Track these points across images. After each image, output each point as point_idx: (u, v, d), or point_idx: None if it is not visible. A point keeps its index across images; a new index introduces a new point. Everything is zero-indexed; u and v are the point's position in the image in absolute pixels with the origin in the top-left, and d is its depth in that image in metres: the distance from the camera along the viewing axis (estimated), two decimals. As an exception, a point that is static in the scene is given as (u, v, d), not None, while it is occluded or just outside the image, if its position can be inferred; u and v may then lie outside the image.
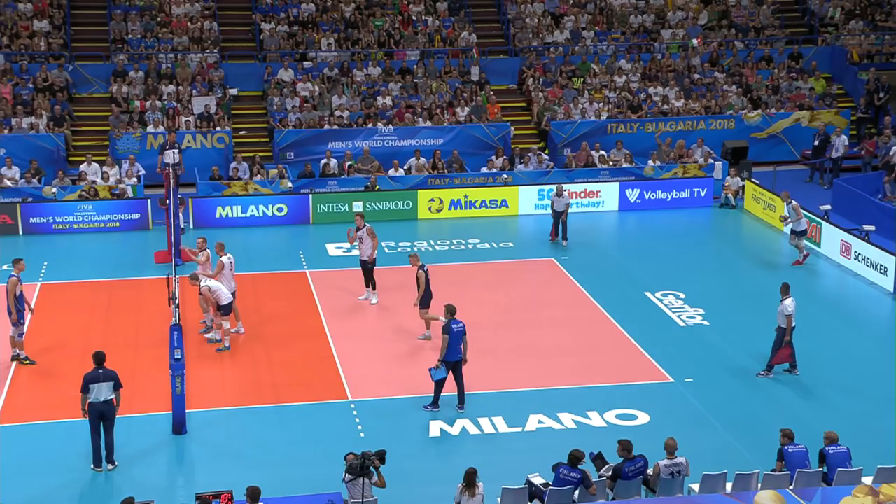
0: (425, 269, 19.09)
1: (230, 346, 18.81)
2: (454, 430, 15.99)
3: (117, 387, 14.58)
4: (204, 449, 15.40)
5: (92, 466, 14.60)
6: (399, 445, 15.16)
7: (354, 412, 16.53)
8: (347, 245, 24.01)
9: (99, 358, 14.71)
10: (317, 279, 22.68)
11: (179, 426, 15.67)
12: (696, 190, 28.66)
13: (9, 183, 26.59)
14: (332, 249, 24.89)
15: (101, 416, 14.49)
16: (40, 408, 16.44)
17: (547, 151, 30.81)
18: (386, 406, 16.76)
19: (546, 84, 32.97)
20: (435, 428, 16.03)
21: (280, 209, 27.07)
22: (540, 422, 16.24)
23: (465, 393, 16.59)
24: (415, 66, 33.01)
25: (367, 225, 20.98)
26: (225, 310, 18.67)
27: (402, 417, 16.34)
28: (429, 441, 15.72)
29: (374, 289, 21.19)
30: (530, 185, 28.35)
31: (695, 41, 33.79)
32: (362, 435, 15.53)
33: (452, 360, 16.31)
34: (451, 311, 16.49)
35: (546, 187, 27.75)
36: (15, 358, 17.90)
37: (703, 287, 22.14)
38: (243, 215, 26.79)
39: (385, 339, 19.44)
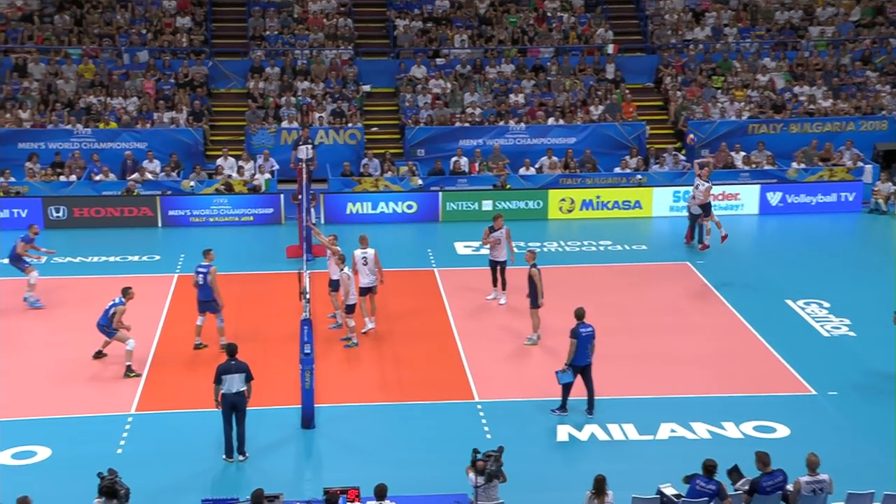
0: (538, 267, 18.86)
1: (358, 343, 19.05)
2: (583, 436, 15.79)
3: (248, 378, 14.91)
4: (331, 444, 15.63)
5: (223, 457, 14.99)
6: (526, 449, 15.10)
7: (481, 413, 16.51)
8: (477, 244, 24.05)
9: (231, 349, 15.11)
10: (445, 277, 22.78)
11: (308, 420, 15.95)
12: (843, 194, 27.58)
13: (150, 176, 27.66)
14: (461, 248, 24.95)
15: (233, 408, 14.85)
16: (175, 397, 16.99)
17: (684, 152, 30.16)
18: (513, 408, 16.68)
19: (684, 83, 32.26)
20: (563, 432, 15.87)
21: (410, 206, 27.31)
22: (672, 430, 15.89)
23: (595, 398, 16.36)
24: (548, 64, 32.80)
25: (506, 227, 20.98)
26: (348, 309, 18.91)
27: (529, 420, 16.24)
28: (556, 445, 15.57)
29: (503, 289, 21.14)
30: (665, 186, 27.82)
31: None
32: (489, 437, 15.49)
33: (581, 365, 16.09)
34: (579, 314, 16.29)
35: (682, 189, 27.15)
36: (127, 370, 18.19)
37: (850, 296, 21.25)
38: (373, 212, 27.14)
39: (513, 341, 19.35)
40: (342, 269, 19.03)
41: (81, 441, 15.41)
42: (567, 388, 16.23)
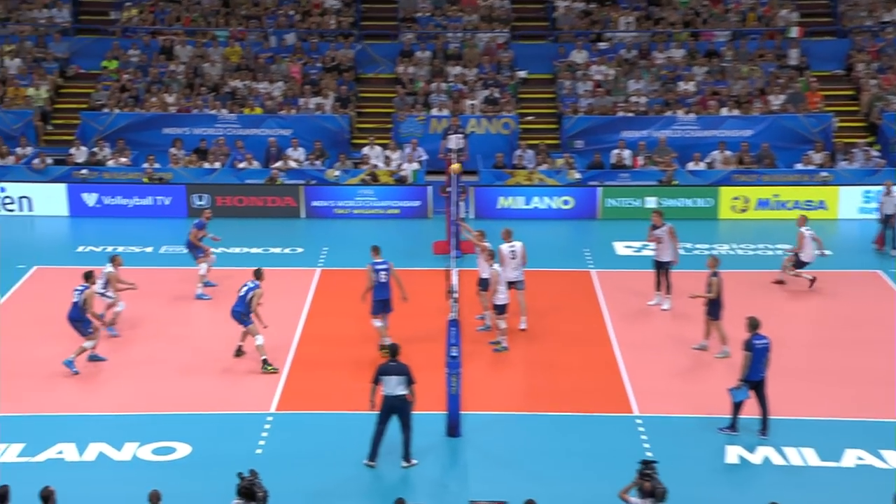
0: (719, 276, 18.51)
1: (508, 347, 19.10)
2: (755, 458, 15.39)
3: (410, 382, 15.09)
4: (477, 454, 15.71)
5: (365, 461, 15.22)
6: (691, 469, 14.87)
7: (641, 428, 16.31)
8: (638, 244, 23.76)
9: (393, 350, 15.41)
10: (603, 279, 22.60)
11: (454, 428, 16.07)
12: None
13: (293, 164, 28.46)
14: (621, 248, 24.70)
15: (392, 411, 15.07)
16: (316, 398, 17.41)
17: (878, 147, 28.97)
18: (676, 424, 16.44)
19: (880, 70, 31.02)
20: (733, 454, 15.51)
21: (566, 202, 27.20)
22: (859, 458, 15.32)
23: (770, 417, 15.91)
24: (723, 49, 32.11)
25: (668, 224, 20.71)
26: (498, 309, 18.97)
27: (694, 439, 15.96)
28: (724, 468, 15.25)
29: (668, 292, 20.82)
30: (854, 185, 26.82)
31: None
32: (649, 454, 15.26)
33: (755, 380, 15.71)
34: (753, 324, 15.88)
35: (873, 188, 26.10)
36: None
37: None
38: (526, 207, 27.16)
39: (677, 351, 19.06)
40: (491, 267, 19.12)
41: (221, 439, 15.98)
42: (739, 405, 15.85)
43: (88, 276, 18.37)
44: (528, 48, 33.14)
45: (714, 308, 18.53)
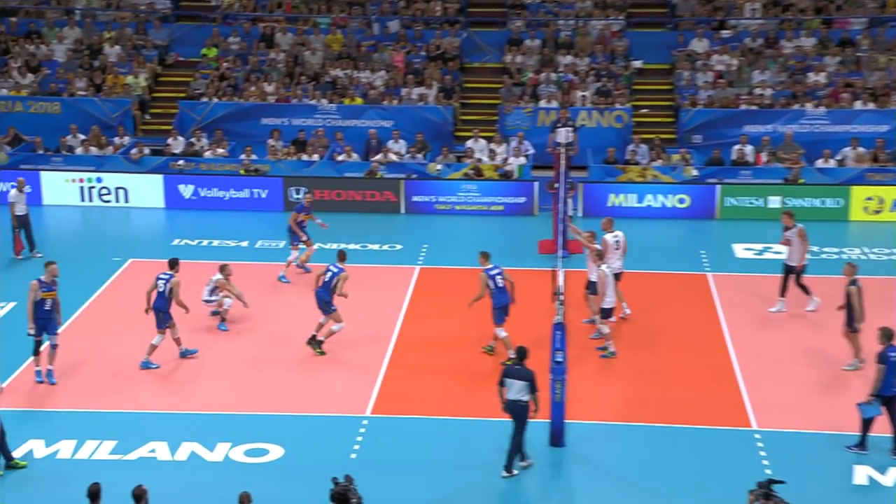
0: (858, 284, 18.01)
1: (616, 352, 18.89)
2: (887, 480, 14.98)
3: (532, 389, 15.05)
4: (582, 466, 15.58)
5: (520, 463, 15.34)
6: (816, 489, 14.59)
7: (760, 444, 15.99)
8: (760, 247, 23.38)
9: (521, 353, 15.39)
10: (720, 283, 22.24)
11: (558, 437, 15.96)
12: None
13: (394, 157, 28.64)
14: (741, 250, 24.28)
15: (510, 414, 15.14)
16: (413, 402, 17.47)
17: None
18: (799, 441, 16.11)
19: None
20: (861, 474, 15.11)
21: (681, 200, 26.83)
22: None
23: None
24: (859, 37, 31.37)
25: (799, 226, 20.50)
26: (604, 313, 18.78)
27: (818, 456, 15.62)
28: (853, 489, 14.87)
29: (808, 293, 20.71)
30: None
31: None
32: (768, 472, 14.92)
33: (888, 395, 15.26)
34: (887, 335, 15.48)
35: None
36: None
37: None
38: (638, 205, 26.86)
39: (801, 361, 18.70)
40: (599, 268, 18.95)
41: (314, 442, 16.14)
42: (870, 422, 15.43)
43: (173, 265, 18.72)
44: (644, 36, 32.77)
45: (851, 318, 18.05)
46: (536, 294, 20.97)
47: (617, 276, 19.69)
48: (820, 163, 27.53)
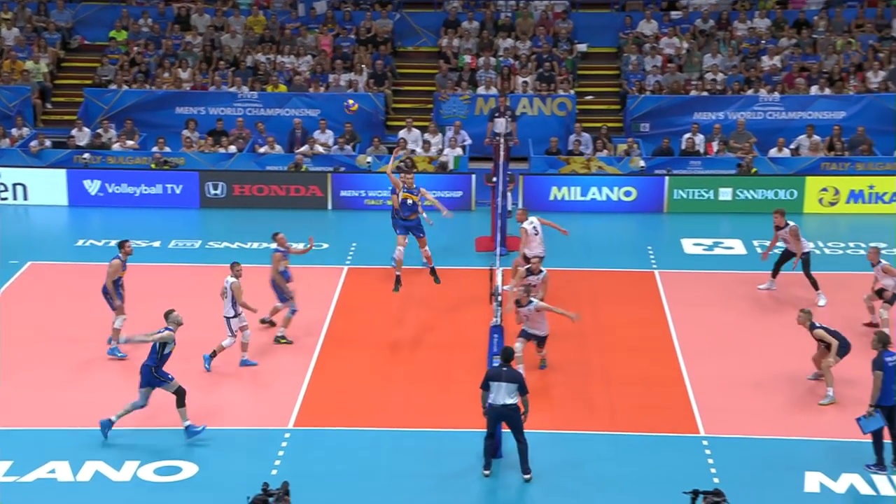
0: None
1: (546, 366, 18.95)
2: (839, 487, 15.23)
3: (522, 391, 15.24)
4: (519, 477, 15.64)
5: (484, 471, 15.47)
6: (766, 496, 14.91)
7: (707, 451, 16.23)
8: (709, 242, 23.82)
9: (506, 354, 15.49)
10: (668, 281, 22.49)
11: (495, 447, 15.99)
12: None
13: (321, 149, 28.58)
14: (690, 246, 24.63)
15: (500, 420, 15.31)
16: (340, 412, 17.46)
17: None
18: (749, 447, 16.35)
19: None
20: (813, 481, 15.34)
21: (628, 193, 27.09)
22: None
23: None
24: (815, 18, 31.84)
25: (792, 224, 21.12)
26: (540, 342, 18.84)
27: (769, 463, 15.85)
28: (804, 496, 15.08)
29: (816, 288, 21.25)
30: (963, 175, 26.51)
31: None
32: (716, 480, 15.16)
33: (887, 405, 15.30)
34: (883, 339, 15.60)
35: (985, 179, 25.83)
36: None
37: None
38: (582, 198, 27.08)
39: (751, 364, 18.99)
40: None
41: (231, 458, 16.07)
42: (877, 436, 15.41)
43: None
44: (589, 18, 33.09)
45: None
46: (473, 293, 21.10)
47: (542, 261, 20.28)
48: (774, 152, 27.94)
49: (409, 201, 21.09)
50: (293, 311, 19.66)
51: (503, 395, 15.16)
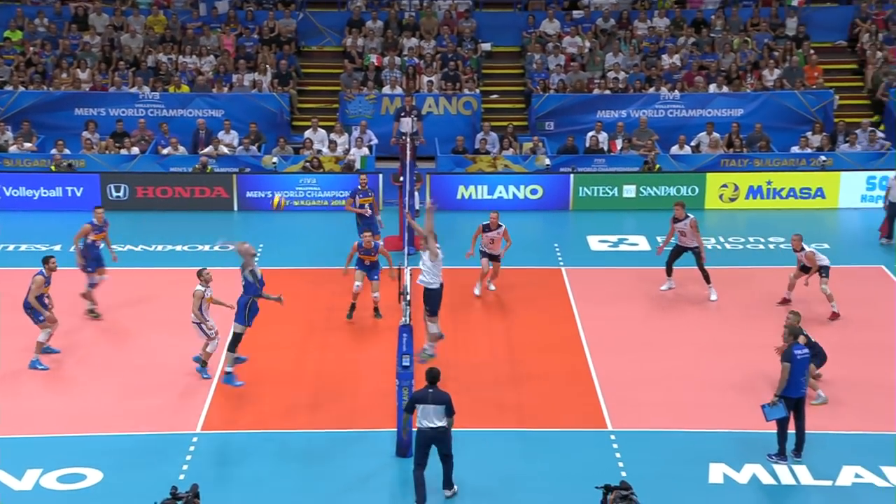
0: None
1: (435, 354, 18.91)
2: (741, 478, 15.48)
3: (449, 412, 14.64)
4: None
5: None
6: (671, 488, 15.07)
7: (615, 445, 16.41)
8: (615, 238, 24.11)
9: (432, 375, 14.81)
10: (575, 278, 22.70)
11: (405, 447, 15.94)
12: None
13: (225, 150, 28.31)
14: (596, 243, 24.88)
15: (430, 444, 14.69)
16: (248, 415, 17.34)
17: (883, 128, 29.29)
18: (654, 440, 16.55)
19: (887, 41, 31.37)
20: (717, 472, 15.59)
21: (534, 191, 27.28)
22: (857, 475, 15.50)
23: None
24: (712, 17, 32.38)
25: (691, 217, 21.36)
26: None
27: (674, 455, 16.07)
28: (708, 487, 15.33)
29: (708, 282, 21.44)
30: (857, 170, 27.11)
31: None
32: (624, 474, 15.35)
33: (794, 397, 15.53)
34: (794, 332, 15.80)
35: (878, 174, 26.43)
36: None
37: None
38: (489, 197, 27.21)
39: (657, 357, 19.25)
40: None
41: (137, 464, 15.81)
42: (782, 425, 15.65)
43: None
44: (493, 17, 33.23)
45: None
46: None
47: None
48: (675, 149, 28.35)
49: (368, 210, 22.08)
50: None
51: (431, 417, 14.57)
